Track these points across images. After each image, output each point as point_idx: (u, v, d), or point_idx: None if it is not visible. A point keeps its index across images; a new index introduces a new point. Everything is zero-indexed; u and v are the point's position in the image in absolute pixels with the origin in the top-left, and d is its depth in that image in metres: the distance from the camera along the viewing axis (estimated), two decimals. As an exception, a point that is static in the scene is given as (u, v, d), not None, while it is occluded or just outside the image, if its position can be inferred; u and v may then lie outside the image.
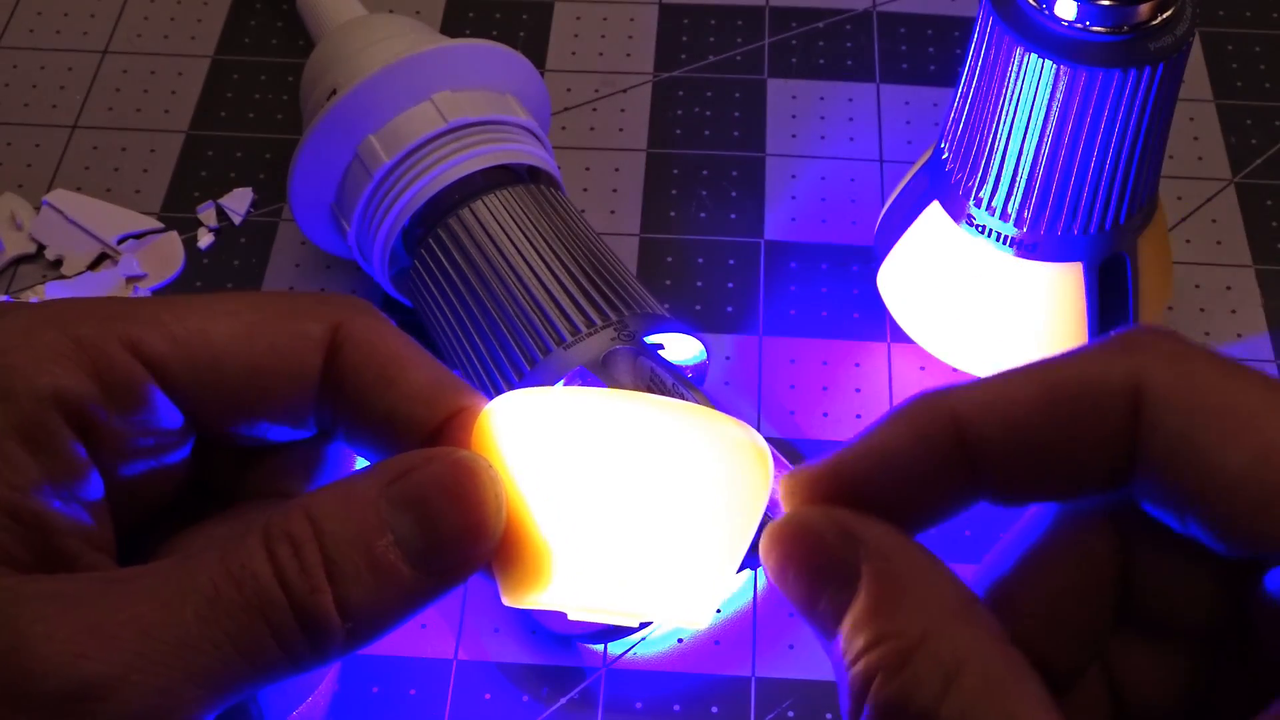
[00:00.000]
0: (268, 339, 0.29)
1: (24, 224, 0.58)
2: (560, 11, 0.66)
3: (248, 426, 0.30)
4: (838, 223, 0.59)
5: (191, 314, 0.29)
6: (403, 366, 0.29)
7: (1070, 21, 0.44)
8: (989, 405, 0.26)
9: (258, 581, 0.26)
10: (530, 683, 0.47)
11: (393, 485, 0.27)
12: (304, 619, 0.26)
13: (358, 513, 0.27)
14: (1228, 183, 0.60)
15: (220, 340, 0.28)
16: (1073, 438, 0.25)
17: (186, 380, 0.28)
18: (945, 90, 0.63)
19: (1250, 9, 0.66)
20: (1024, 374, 0.26)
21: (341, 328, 0.29)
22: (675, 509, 0.28)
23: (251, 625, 0.25)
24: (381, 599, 0.26)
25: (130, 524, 0.29)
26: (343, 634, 0.26)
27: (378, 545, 0.26)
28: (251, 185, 0.60)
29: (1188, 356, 0.25)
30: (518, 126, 0.53)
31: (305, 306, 0.30)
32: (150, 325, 0.28)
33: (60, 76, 0.64)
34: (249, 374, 0.29)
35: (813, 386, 0.54)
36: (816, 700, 0.47)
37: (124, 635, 0.25)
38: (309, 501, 0.27)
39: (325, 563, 0.26)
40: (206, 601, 0.25)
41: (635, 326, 0.47)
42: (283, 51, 0.65)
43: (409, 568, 0.27)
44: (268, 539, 0.26)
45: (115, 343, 0.28)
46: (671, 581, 0.28)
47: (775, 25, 0.66)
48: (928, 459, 0.26)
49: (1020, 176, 0.47)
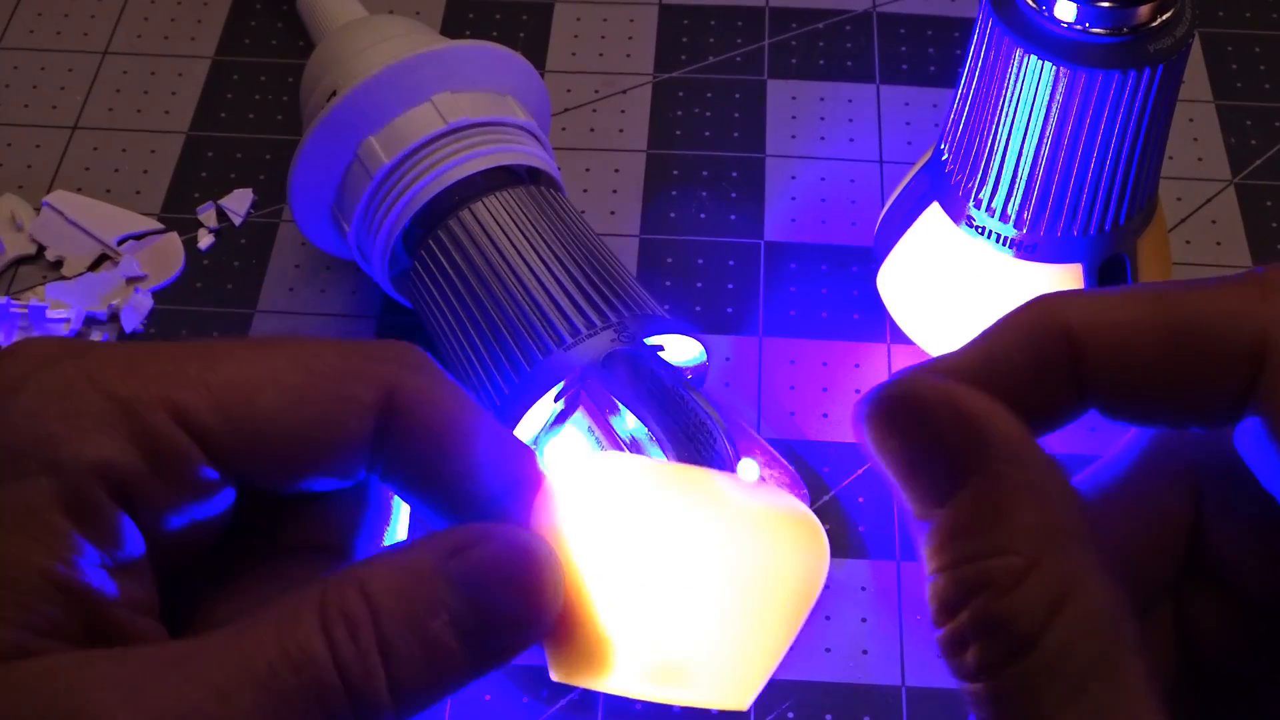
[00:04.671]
0: (317, 405, 0.28)
1: (24, 225, 0.58)
2: (560, 12, 0.66)
3: (292, 486, 0.29)
4: (837, 223, 0.59)
5: (238, 373, 0.28)
6: (461, 435, 0.29)
7: (1070, 23, 0.44)
8: (1106, 329, 0.25)
9: (315, 665, 0.25)
10: (530, 683, 0.47)
11: (450, 562, 0.26)
12: (356, 701, 0.26)
13: (414, 591, 0.26)
14: (1228, 183, 0.60)
15: (267, 405, 0.28)
16: (1190, 379, 0.25)
17: (231, 447, 0.28)
18: (945, 91, 0.63)
19: (1250, 9, 0.66)
20: (1147, 300, 0.25)
21: (396, 390, 0.29)
22: (733, 601, 0.27)
23: (306, 711, 0.25)
24: (431, 679, 0.26)
25: (170, 573, 0.29)
26: (392, 713, 0.26)
27: (432, 626, 0.26)
28: (251, 186, 0.60)
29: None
30: (518, 127, 0.52)
31: (355, 365, 0.29)
32: (194, 389, 0.27)
33: (60, 77, 0.64)
34: (296, 440, 0.28)
35: (813, 387, 0.54)
36: (817, 701, 0.47)
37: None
38: (364, 577, 0.26)
39: (380, 643, 0.26)
40: (264, 688, 0.25)
41: (635, 328, 0.47)
42: (283, 52, 0.65)
43: (460, 647, 0.26)
44: (324, 618, 0.26)
45: (159, 409, 0.27)
46: (724, 670, 0.28)
47: (775, 26, 0.66)
48: (1038, 372, 0.25)
49: (1020, 178, 0.47)
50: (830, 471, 0.51)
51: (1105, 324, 0.25)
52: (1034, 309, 0.26)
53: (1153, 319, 0.25)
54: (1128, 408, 0.26)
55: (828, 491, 0.51)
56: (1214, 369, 0.25)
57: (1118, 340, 0.25)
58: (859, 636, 0.48)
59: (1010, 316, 0.26)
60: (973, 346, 0.26)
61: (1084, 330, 0.25)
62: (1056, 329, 0.25)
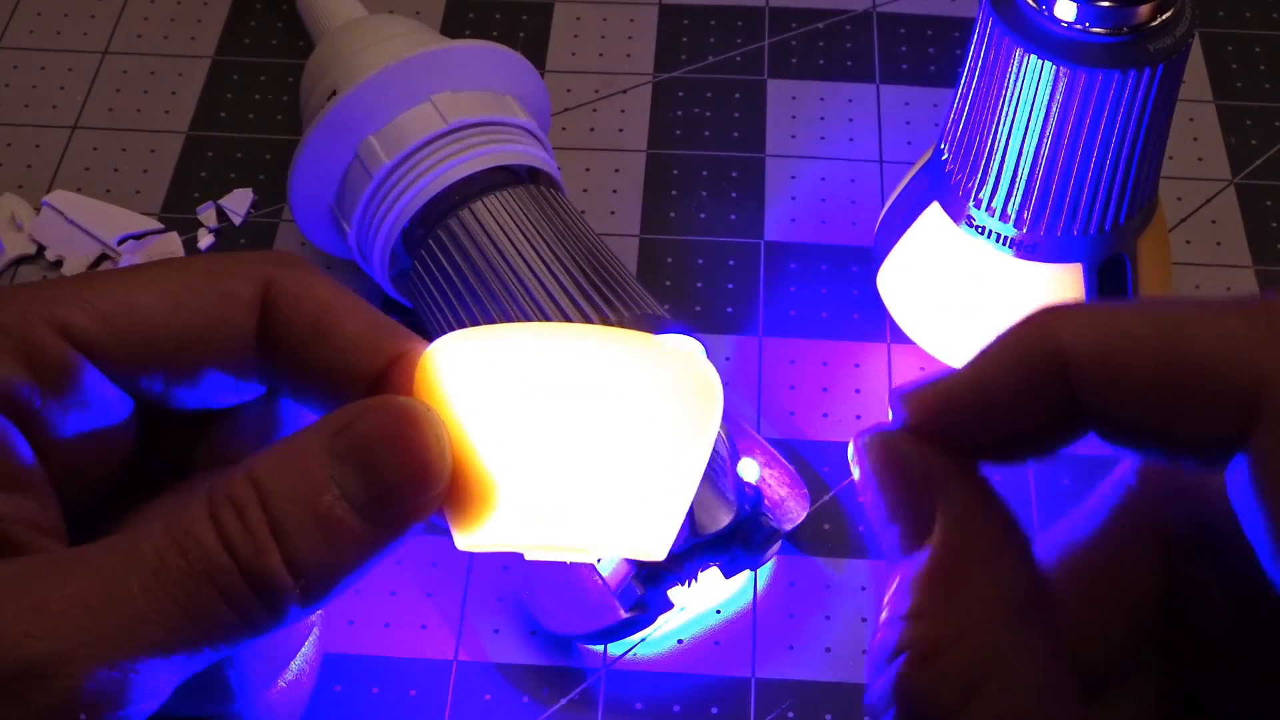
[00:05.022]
0: (196, 304, 0.29)
1: (24, 224, 0.58)
2: (560, 12, 0.66)
3: (189, 393, 0.29)
4: (837, 223, 0.59)
5: (116, 288, 0.28)
6: (336, 317, 0.29)
7: (1070, 22, 0.44)
8: (1100, 352, 0.24)
9: (203, 547, 0.25)
10: (530, 683, 0.47)
11: (335, 439, 0.27)
12: (254, 581, 0.26)
13: (300, 470, 0.26)
14: (1228, 183, 0.60)
15: (148, 311, 0.28)
16: (1182, 415, 0.23)
17: (118, 354, 0.28)
18: (945, 91, 0.63)
19: (1250, 9, 0.66)
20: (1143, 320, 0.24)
21: (272, 284, 0.29)
22: (620, 439, 0.27)
23: (200, 591, 0.25)
24: (332, 554, 0.26)
25: (82, 505, 0.29)
26: (297, 592, 0.26)
27: (323, 500, 0.26)
28: (251, 186, 0.60)
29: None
30: (518, 127, 0.53)
31: (231, 266, 0.29)
32: (75, 304, 0.28)
33: (60, 77, 0.64)
34: (181, 341, 0.28)
35: (813, 387, 0.54)
36: (816, 701, 0.47)
37: (69, 612, 0.24)
38: (251, 463, 0.26)
39: (270, 522, 0.26)
40: (151, 572, 0.25)
41: (635, 327, 0.47)
42: (283, 52, 0.65)
43: (357, 520, 0.26)
44: (211, 504, 0.26)
45: (41, 325, 0.27)
46: (622, 511, 0.28)
47: (775, 26, 0.66)
48: (1030, 396, 0.25)
49: (1020, 177, 0.47)
50: (830, 471, 0.51)
51: (1098, 346, 0.24)
52: (1028, 327, 0.25)
53: (1148, 343, 0.24)
54: (1120, 435, 0.25)
55: (828, 491, 0.51)
56: (1206, 408, 0.23)
57: (1111, 365, 0.24)
58: (859, 636, 0.48)
59: (1005, 335, 0.25)
60: (967, 369, 0.25)
61: (1076, 351, 0.24)
62: (1049, 349, 0.24)
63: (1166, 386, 0.23)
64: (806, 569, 0.49)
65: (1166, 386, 0.23)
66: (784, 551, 0.49)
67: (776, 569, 0.49)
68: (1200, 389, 0.23)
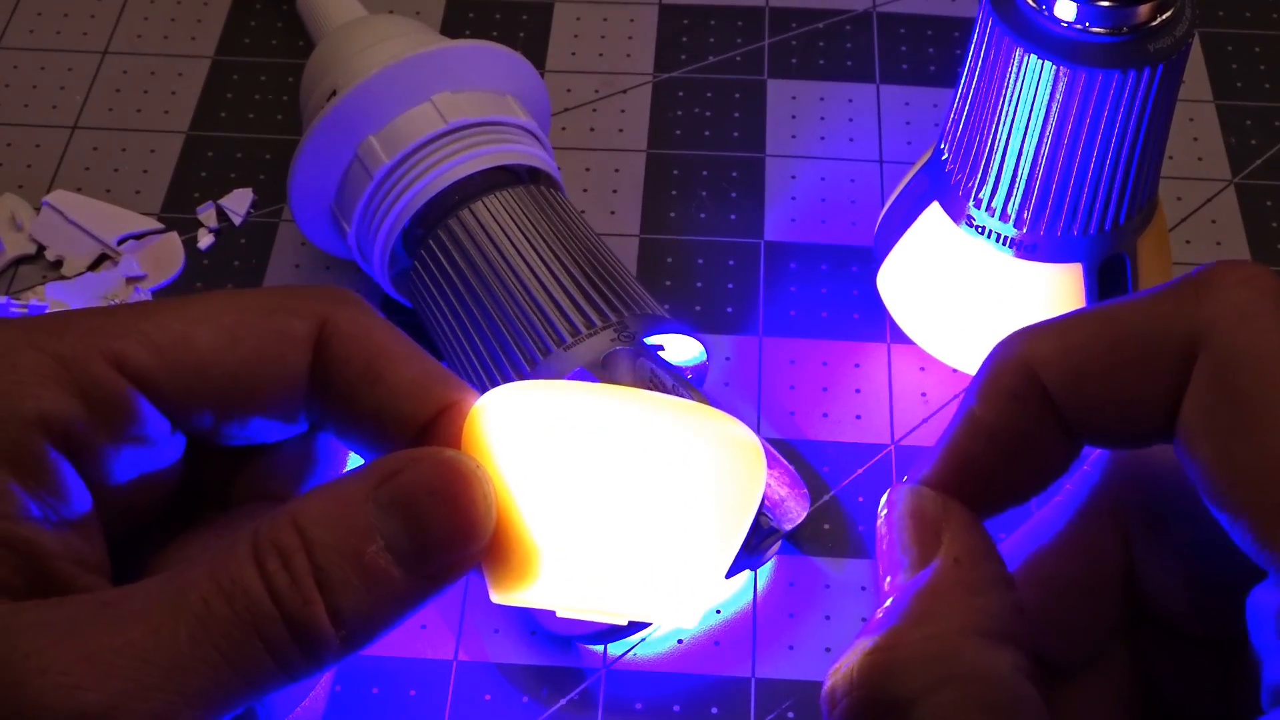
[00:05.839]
0: (252, 340, 0.28)
1: (24, 224, 0.58)
2: (560, 12, 0.66)
3: (238, 429, 0.29)
4: (837, 223, 0.59)
5: (173, 321, 0.28)
6: (390, 361, 0.29)
7: (1070, 22, 0.44)
8: (1060, 356, 0.26)
9: (249, 596, 0.25)
10: (530, 683, 0.47)
11: (380, 488, 0.26)
12: (297, 631, 0.26)
13: (345, 519, 0.26)
14: (1228, 183, 0.60)
15: (203, 346, 0.28)
16: (1131, 392, 0.25)
17: (172, 389, 0.28)
18: (945, 91, 0.63)
19: (1250, 9, 0.66)
20: (1091, 319, 0.26)
21: (328, 322, 0.29)
22: (664, 507, 0.27)
23: (245, 641, 0.25)
24: (373, 605, 0.26)
25: (124, 535, 0.29)
26: (337, 642, 0.26)
27: (367, 551, 0.26)
28: (251, 186, 0.60)
29: (1256, 316, 0.24)
30: (517, 127, 0.53)
31: (288, 302, 0.29)
32: (132, 337, 0.28)
33: (60, 77, 0.64)
34: (235, 378, 0.28)
35: (813, 387, 0.54)
36: (817, 701, 0.47)
37: (119, 663, 0.24)
38: (296, 509, 0.26)
39: (314, 572, 0.26)
40: (198, 620, 0.25)
41: (635, 327, 0.47)
42: (283, 52, 0.65)
43: (400, 571, 0.26)
44: (257, 550, 0.26)
45: (98, 358, 0.27)
46: (660, 581, 0.28)
47: (775, 26, 0.66)
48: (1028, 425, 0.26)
49: (1020, 177, 0.47)
50: (830, 471, 0.51)
51: (1060, 352, 0.26)
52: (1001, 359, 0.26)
53: (1097, 338, 0.25)
54: (1092, 431, 0.26)
55: (828, 491, 0.51)
56: (1148, 378, 0.25)
57: (1070, 365, 0.25)
58: (859, 636, 0.48)
59: (983, 374, 0.26)
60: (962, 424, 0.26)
61: (1045, 365, 0.26)
62: (1024, 372, 0.26)
63: (1114, 367, 0.25)
64: (806, 569, 0.49)
65: (1114, 367, 0.25)
66: (784, 551, 0.49)
67: (776, 569, 0.49)
68: (1140, 361, 0.25)
